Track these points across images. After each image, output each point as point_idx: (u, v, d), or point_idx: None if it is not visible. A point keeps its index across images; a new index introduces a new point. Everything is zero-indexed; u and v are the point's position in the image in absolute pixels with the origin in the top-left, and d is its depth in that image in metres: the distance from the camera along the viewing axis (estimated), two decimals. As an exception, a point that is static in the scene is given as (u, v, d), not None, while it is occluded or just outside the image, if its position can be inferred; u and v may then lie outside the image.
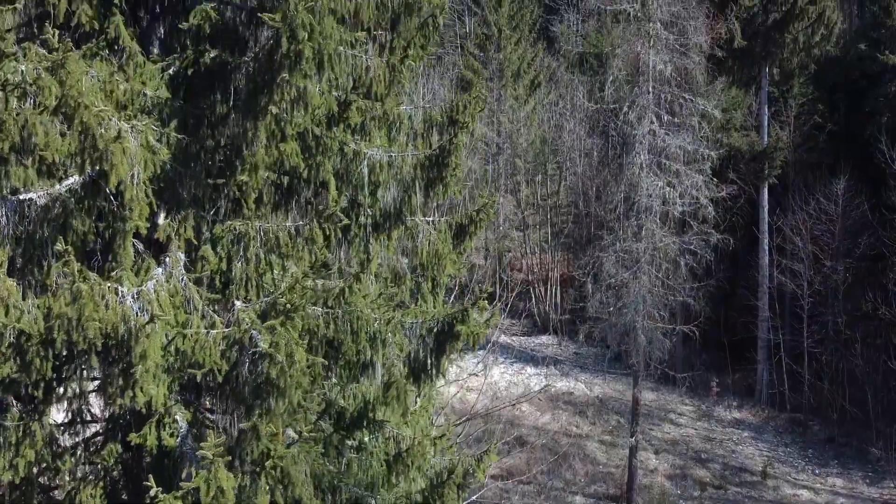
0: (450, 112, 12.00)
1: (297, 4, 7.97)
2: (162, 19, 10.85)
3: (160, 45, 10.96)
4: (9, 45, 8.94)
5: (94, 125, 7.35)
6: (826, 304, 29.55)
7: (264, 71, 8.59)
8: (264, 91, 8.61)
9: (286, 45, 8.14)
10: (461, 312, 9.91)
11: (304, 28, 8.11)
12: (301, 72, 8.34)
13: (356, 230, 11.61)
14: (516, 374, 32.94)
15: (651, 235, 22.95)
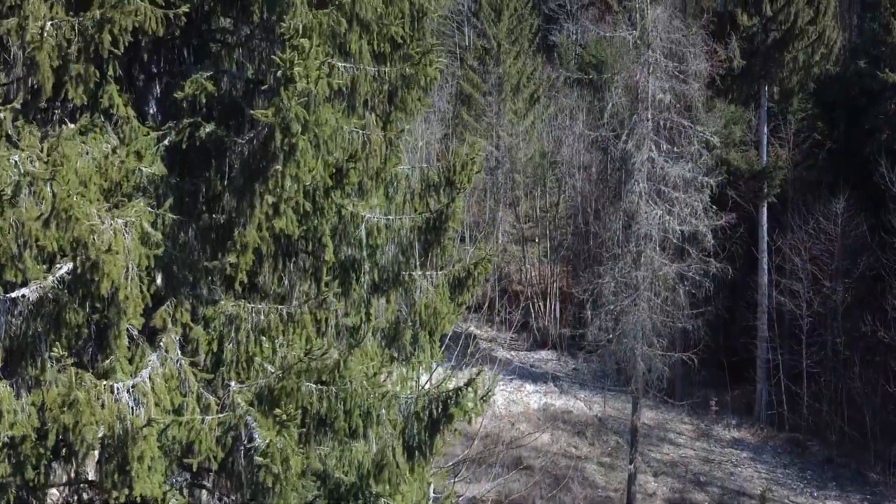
0: (447, 172, 11.97)
1: (290, 99, 7.96)
2: (158, 79, 10.87)
3: (157, 104, 10.98)
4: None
5: (88, 236, 7.34)
6: (825, 324, 29.55)
7: (258, 159, 8.58)
8: (259, 178, 8.60)
9: (280, 139, 8.14)
10: (455, 393, 9.90)
11: (298, 121, 8.10)
12: (296, 162, 8.33)
13: (354, 291, 11.64)
14: (515, 392, 32.97)
15: (650, 262, 22.95)
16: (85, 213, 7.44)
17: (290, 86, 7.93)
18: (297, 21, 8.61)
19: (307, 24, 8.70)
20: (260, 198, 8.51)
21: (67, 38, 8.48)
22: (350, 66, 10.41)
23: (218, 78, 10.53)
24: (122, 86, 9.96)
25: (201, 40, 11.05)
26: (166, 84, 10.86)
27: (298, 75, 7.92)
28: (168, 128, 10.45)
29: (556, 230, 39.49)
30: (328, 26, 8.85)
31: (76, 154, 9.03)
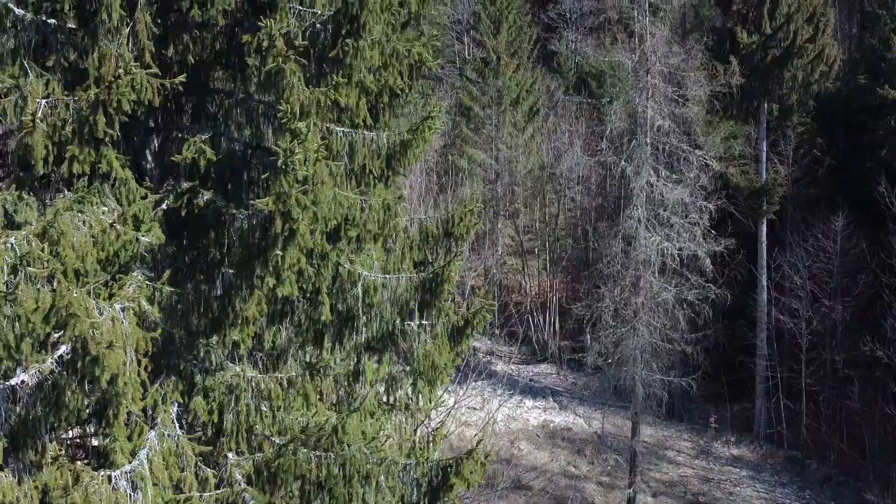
0: (445, 224, 12.02)
1: (290, 186, 7.95)
2: (156, 133, 10.88)
3: (154, 158, 10.99)
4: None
5: (87, 332, 7.34)
6: (824, 342, 29.57)
7: (258, 239, 8.57)
8: (259, 258, 8.60)
9: (280, 225, 8.13)
10: (455, 463, 9.93)
11: (298, 207, 8.09)
12: (296, 245, 8.33)
13: (350, 349, 11.67)
14: (515, 408, 32.98)
15: (649, 287, 22.97)
16: (84, 307, 7.42)
17: (290, 173, 7.92)
18: (295, 99, 8.61)
19: (305, 103, 8.70)
20: (260, 279, 8.51)
21: (63, 119, 8.48)
22: (349, 130, 10.45)
23: (216, 140, 10.56)
24: (119, 144, 9.94)
25: (199, 96, 11.07)
26: (163, 138, 10.89)
27: (298, 163, 7.91)
28: (166, 191, 10.48)
29: (556, 242, 39.47)
30: (325, 104, 8.84)
31: (73, 228, 9.03)
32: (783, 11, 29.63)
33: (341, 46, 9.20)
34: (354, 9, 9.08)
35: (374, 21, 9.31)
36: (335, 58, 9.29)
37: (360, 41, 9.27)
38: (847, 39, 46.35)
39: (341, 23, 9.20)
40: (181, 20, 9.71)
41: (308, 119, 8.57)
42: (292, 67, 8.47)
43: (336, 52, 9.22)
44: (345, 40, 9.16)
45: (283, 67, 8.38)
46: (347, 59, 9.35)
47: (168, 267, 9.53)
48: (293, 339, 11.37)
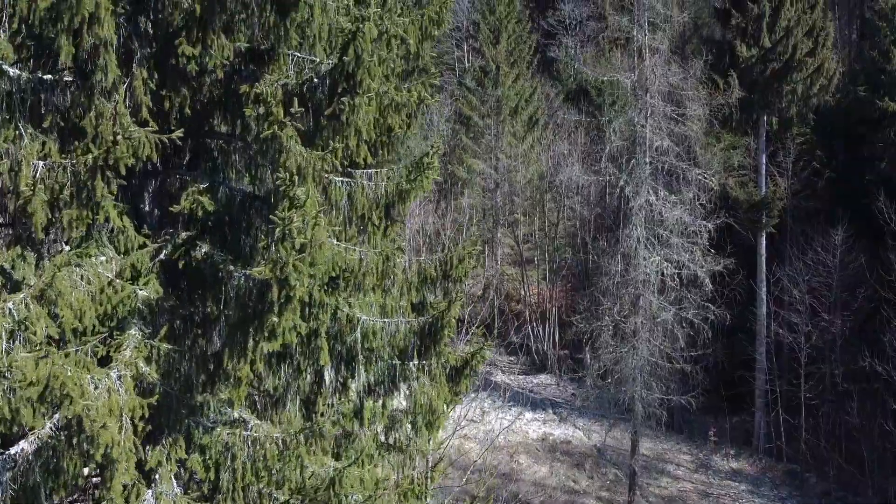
0: (444, 266, 12.00)
1: (287, 254, 7.92)
2: (154, 176, 10.85)
3: (152, 200, 10.96)
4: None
5: (83, 414, 7.32)
6: (824, 356, 29.56)
7: (255, 302, 8.55)
8: (254, 322, 8.57)
9: (277, 292, 8.10)
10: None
11: (295, 274, 8.06)
12: (292, 309, 8.31)
13: (349, 392, 11.66)
14: (515, 420, 32.95)
15: (648, 306, 22.96)
16: (79, 385, 7.40)
17: (287, 241, 7.90)
18: (292, 162, 8.59)
19: (302, 165, 8.68)
20: (255, 344, 8.49)
21: (60, 183, 8.46)
22: (347, 180, 10.43)
23: (215, 187, 10.53)
24: (118, 191, 9.89)
25: (198, 140, 11.04)
26: (161, 181, 10.86)
27: (296, 230, 7.89)
28: (164, 240, 10.45)
29: (556, 252, 39.45)
30: (323, 168, 8.81)
31: (71, 287, 9.02)
32: (782, 25, 29.59)
33: (337, 104, 9.17)
34: (350, 67, 9.05)
35: (370, 77, 9.28)
36: (332, 115, 9.26)
37: (356, 98, 9.25)
38: (847, 46, 46.31)
39: (337, 80, 9.16)
40: (178, 73, 9.67)
41: (306, 183, 8.53)
42: (289, 133, 8.44)
43: (332, 109, 9.18)
44: (341, 98, 9.13)
45: (279, 134, 8.33)
46: (344, 116, 9.32)
47: (166, 322, 9.52)
48: (291, 383, 11.38)
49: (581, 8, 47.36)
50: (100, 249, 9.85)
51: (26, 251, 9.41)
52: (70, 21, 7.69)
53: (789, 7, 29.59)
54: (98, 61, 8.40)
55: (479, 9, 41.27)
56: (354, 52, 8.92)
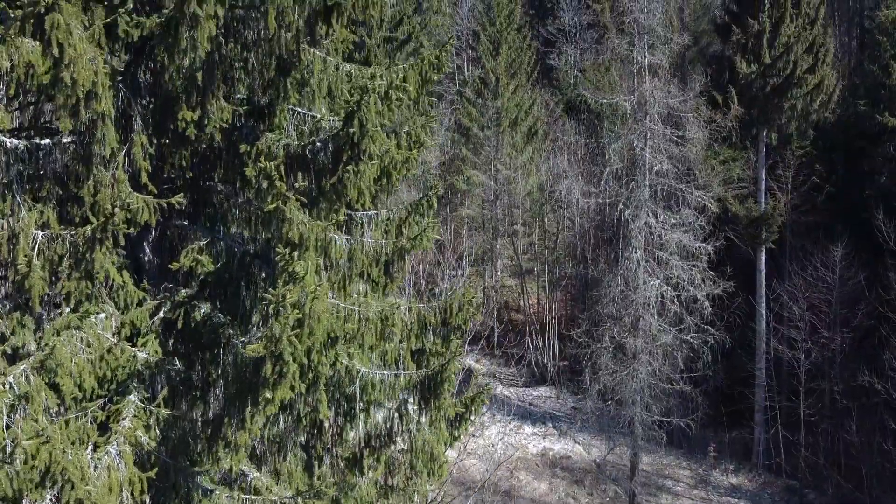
0: (443, 313, 11.99)
1: (283, 330, 7.91)
2: (154, 227, 10.82)
3: (152, 250, 10.95)
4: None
5: (83, 495, 7.31)
6: (823, 372, 29.55)
7: (252, 374, 8.54)
8: (251, 393, 8.57)
9: (271, 368, 8.09)
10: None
11: (290, 350, 8.05)
12: (287, 384, 8.30)
13: (347, 445, 11.66)
14: (514, 434, 32.97)
15: (648, 328, 22.95)
16: (79, 468, 7.38)
17: (282, 318, 7.88)
18: (294, 232, 8.56)
19: (304, 235, 8.66)
20: (253, 415, 8.48)
21: (59, 255, 8.44)
22: (348, 237, 10.42)
23: (215, 243, 10.52)
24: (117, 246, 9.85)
25: (198, 194, 11.02)
26: (161, 231, 10.84)
27: (291, 306, 7.87)
28: (164, 296, 10.44)
29: (556, 264, 39.44)
30: (324, 238, 8.79)
31: (71, 354, 9.01)
32: (782, 41, 29.54)
33: (342, 172, 9.15)
34: (355, 137, 9.02)
35: (374, 142, 9.25)
36: (336, 181, 9.24)
37: (360, 165, 9.22)
38: (847, 55, 46.25)
39: (342, 149, 9.14)
40: (178, 136, 9.65)
41: (308, 252, 8.52)
42: (291, 206, 8.42)
43: (336, 178, 9.16)
44: (346, 167, 9.10)
45: (282, 208, 8.31)
46: (347, 182, 9.30)
47: (165, 385, 9.51)
48: (291, 431, 11.39)
49: (581, 16, 47.27)
50: (99, 306, 9.85)
51: (25, 316, 9.39)
52: (67, 99, 7.65)
53: (789, 23, 29.53)
54: (97, 133, 8.37)
55: (480, 20, 41.19)
56: (359, 122, 8.89)
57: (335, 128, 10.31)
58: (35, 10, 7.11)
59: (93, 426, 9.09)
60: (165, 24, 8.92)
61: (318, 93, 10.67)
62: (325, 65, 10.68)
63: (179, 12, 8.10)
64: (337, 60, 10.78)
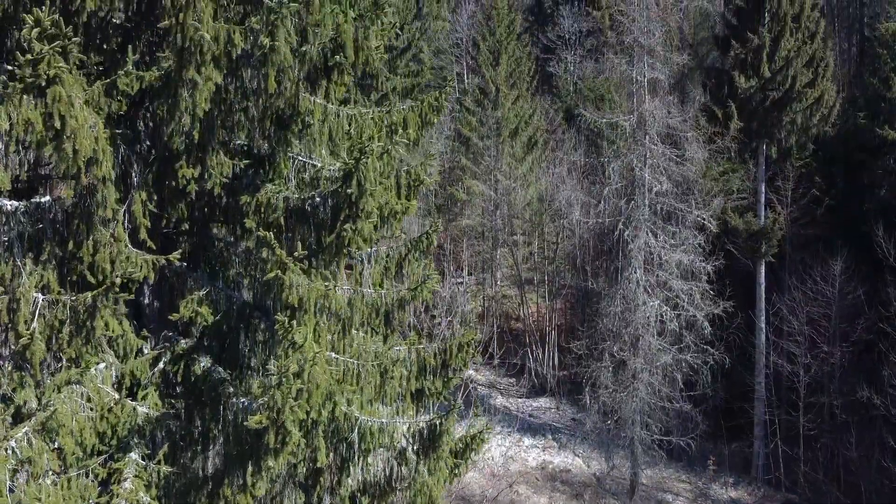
0: (443, 355, 12.02)
1: (284, 399, 7.92)
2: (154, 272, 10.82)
3: (152, 293, 10.95)
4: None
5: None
6: (823, 387, 29.58)
7: (252, 441, 8.55)
8: (251, 458, 8.58)
9: (273, 437, 8.10)
10: None
11: (292, 417, 8.06)
12: (289, 450, 8.32)
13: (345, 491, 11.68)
14: (514, 447, 33.00)
15: (648, 347, 22.98)
16: None
17: (284, 387, 7.90)
18: (294, 296, 8.58)
19: (304, 297, 8.67)
20: (254, 479, 8.49)
21: (60, 320, 8.45)
22: (348, 288, 10.43)
23: (214, 293, 10.53)
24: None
25: (198, 241, 11.04)
26: (160, 275, 10.84)
27: (294, 376, 7.89)
28: (163, 346, 10.46)
29: (556, 275, 39.45)
30: (324, 300, 8.80)
31: (72, 412, 9.03)
32: (782, 55, 29.50)
33: (340, 229, 9.17)
34: (354, 196, 9.03)
35: (373, 199, 9.26)
36: (334, 240, 9.25)
37: (358, 222, 9.23)
38: (847, 64, 46.24)
39: (340, 207, 9.15)
40: (177, 192, 9.66)
41: (306, 321, 8.53)
42: (291, 275, 8.43)
43: (336, 234, 9.17)
44: (344, 225, 9.12)
45: (282, 277, 8.33)
46: (346, 238, 9.31)
47: (165, 440, 9.53)
48: (287, 483, 11.40)
49: (581, 23, 47.26)
50: (99, 356, 9.87)
51: (26, 377, 9.40)
52: (68, 168, 7.66)
53: (789, 37, 29.50)
54: (97, 196, 8.38)
55: (480, 30, 41.15)
56: (357, 182, 8.91)
57: (336, 177, 10.34)
58: (36, 83, 7.11)
59: (94, 483, 9.12)
60: (164, 85, 8.93)
61: (318, 139, 10.68)
62: (325, 112, 10.70)
63: (178, 77, 8.09)
64: (337, 107, 10.79)
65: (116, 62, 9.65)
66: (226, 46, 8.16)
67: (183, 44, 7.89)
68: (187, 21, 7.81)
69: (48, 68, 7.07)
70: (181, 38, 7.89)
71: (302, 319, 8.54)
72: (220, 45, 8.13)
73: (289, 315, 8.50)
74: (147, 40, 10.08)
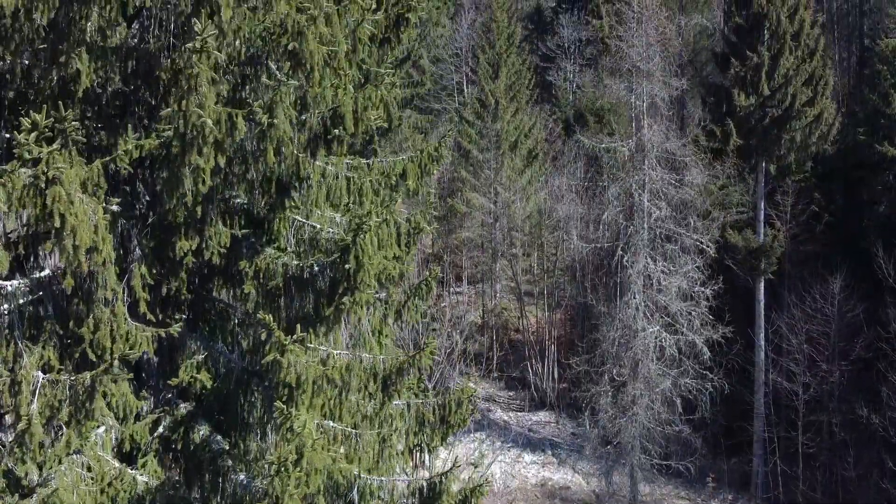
0: (442, 410, 12.03)
1: (284, 490, 7.94)
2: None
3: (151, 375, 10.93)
4: None
5: None
6: (822, 404, 29.62)
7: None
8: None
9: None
10: None
11: (290, 501, 8.09)
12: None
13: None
14: (514, 463, 33.08)
15: (648, 371, 23.02)
16: None
17: (283, 475, 7.93)
18: (293, 376, 8.60)
19: (303, 377, 8.69)
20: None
21: (59, 400, 8.47)
22: (346, 353, 10.46)
23: (213, 356, 10.55)
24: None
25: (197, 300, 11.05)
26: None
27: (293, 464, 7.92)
28: (163, 410, 10.47)
29: (556, 288, 39.49)
30: (322, 381, 8.83)
31: (72, 486, 9.05)
32: (781, 73, 29.49)
33: (339, 302, 9.19)
34: (352, 270, 9.05)
35: (371, 273, 9.28)
36: (333, 311, 9.27)
37: (356, 294, 9.25)
38: (846, 73, 46.20)
39: (338, 280, 9.17)
40: (176, 263, 9.67)
41: (306, 394, 8.56)
42: (290, 356, 8.44)
43: (333, 308, 9.19)
44: (342, 298, 9.14)
45: (280, 360, 8.35)
46: (345, 311, 9.34)
47: (166, 511, 9.56)
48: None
49: (580, 31, 47.16)
50: (99, 420, 9.88)
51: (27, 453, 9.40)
52: (68, 260, 7.67)
53: (788, 55, 29.49)
54: (97, 279, 8.40)
55: (479, 43, 41.10)
56: (355, 258, 8.92)
57: (334, 240, 10.37)
58: (36, 185, 7.12)
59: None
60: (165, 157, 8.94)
61: (317, 200, 10.71)
62: (324, 173, 10.72)
63: (181, 161, 8.11)
64: (336, 170, 10.81)
65: (115, 127, 9.68)
66: (228, 130, 8.17)
67: (185, 130, 7.89)
68: (189, 107, 7.82)
69: (47, 168, 7.08)
70: (183, 124, 7.90)
71: (300, 399, 8.57)
72: (222, 128, 8.14)
73: (287, 394, 8.53)
74: (147, 102, 10.11)
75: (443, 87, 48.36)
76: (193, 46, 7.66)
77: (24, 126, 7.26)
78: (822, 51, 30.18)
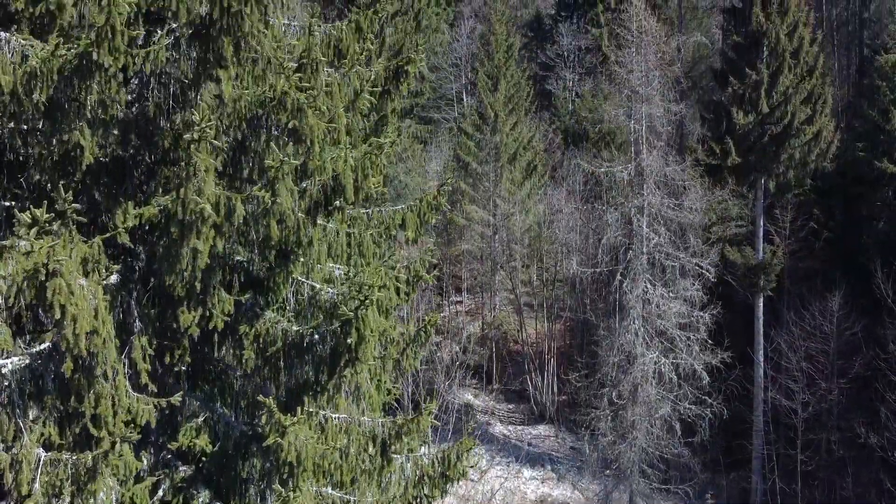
0: (441, 464, 12.06)
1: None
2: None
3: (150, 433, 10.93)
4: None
5: None
6: (821, 422, 29.66)
7: None
8: None
9: None
10: None
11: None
12: None
13: None
14: (513, 479, 33.10)
15: (647, 396, 23.04)
16: None
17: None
18: (293, 455, 8.62)
19: (302, 455, 8.70)
20: None
21: (61, 479, 8.47)
22: (345, 416, 10.47)
23: (212, 420, 10.55)
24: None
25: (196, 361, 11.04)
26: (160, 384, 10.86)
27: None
28: (163, 473, 10.49)
29: (555, 300, 39.50)
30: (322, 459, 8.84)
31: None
32: (780, 91, 29.47)
33: (340, 374, 9.20)
34: (353, 344, 9.05)
35: (372, 342, 9.29)
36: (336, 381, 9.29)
37: (357, 366, 9.27)
38: (845, 83, 46.16)
39: (340, 352, 9.17)
40: (178, 333, 9.67)
41: (307, 472, 8.57)
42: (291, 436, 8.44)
43: (336, 378, 9.20)
44: (344, 370, 9.15)
45: (282, 442, 8.36)
46: (346, 381, 9.35)
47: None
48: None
49: (579, 40, 47.10)
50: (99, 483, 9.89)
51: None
52: (68, 346, 7.67)
53: (787, 73, 29.47)
54: (98, 357, 8.40)
55: (478, 56, 41.05)
56: (357, 331, 8.93)
57: (334, 301, 10.38)
58: (37, 278, 7.12)
59: None
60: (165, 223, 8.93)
61: (319, 258, 10.72)
62: (325, 230, 10.74)
63: (180, 244, 8.11)
64: (336, 227, 10.82)
65: (115, 196, 9.68)
66: (227, 214, 8.16)
67: (184, 217, 7.89)
68: (188, 195, 7.82)
69: (47, 261, 7.09)
70: (182, 212, 7.90)
71: (301, 476, 8.59)
72: (220, 211, 8.14)
73: (287, 470, 8.55)
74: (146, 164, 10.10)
75: (441, 95, 48.33)
76: (192, 137, 7.65)
77: (22, 221, 7.25)
78: (821, 67, 30.14)
